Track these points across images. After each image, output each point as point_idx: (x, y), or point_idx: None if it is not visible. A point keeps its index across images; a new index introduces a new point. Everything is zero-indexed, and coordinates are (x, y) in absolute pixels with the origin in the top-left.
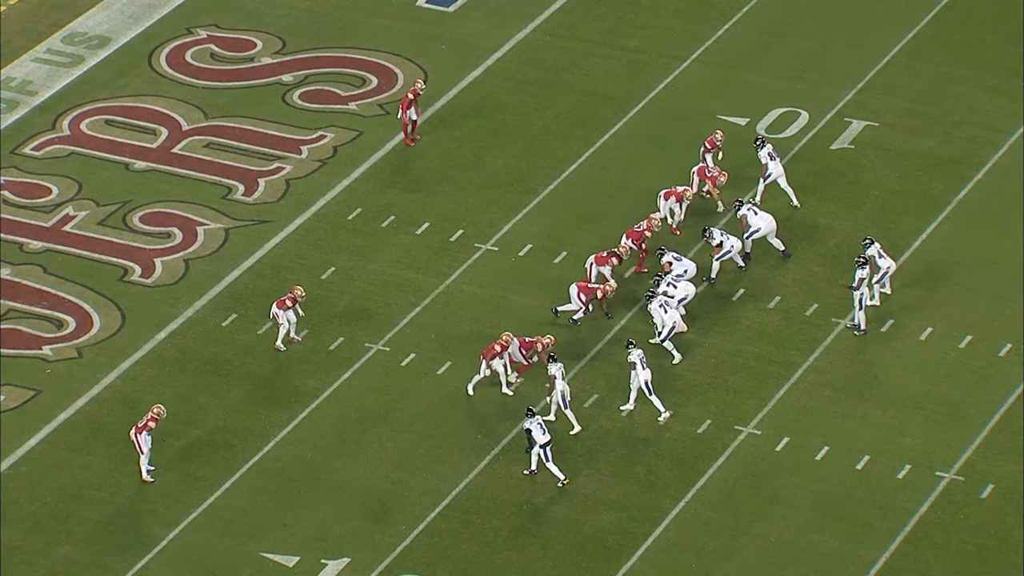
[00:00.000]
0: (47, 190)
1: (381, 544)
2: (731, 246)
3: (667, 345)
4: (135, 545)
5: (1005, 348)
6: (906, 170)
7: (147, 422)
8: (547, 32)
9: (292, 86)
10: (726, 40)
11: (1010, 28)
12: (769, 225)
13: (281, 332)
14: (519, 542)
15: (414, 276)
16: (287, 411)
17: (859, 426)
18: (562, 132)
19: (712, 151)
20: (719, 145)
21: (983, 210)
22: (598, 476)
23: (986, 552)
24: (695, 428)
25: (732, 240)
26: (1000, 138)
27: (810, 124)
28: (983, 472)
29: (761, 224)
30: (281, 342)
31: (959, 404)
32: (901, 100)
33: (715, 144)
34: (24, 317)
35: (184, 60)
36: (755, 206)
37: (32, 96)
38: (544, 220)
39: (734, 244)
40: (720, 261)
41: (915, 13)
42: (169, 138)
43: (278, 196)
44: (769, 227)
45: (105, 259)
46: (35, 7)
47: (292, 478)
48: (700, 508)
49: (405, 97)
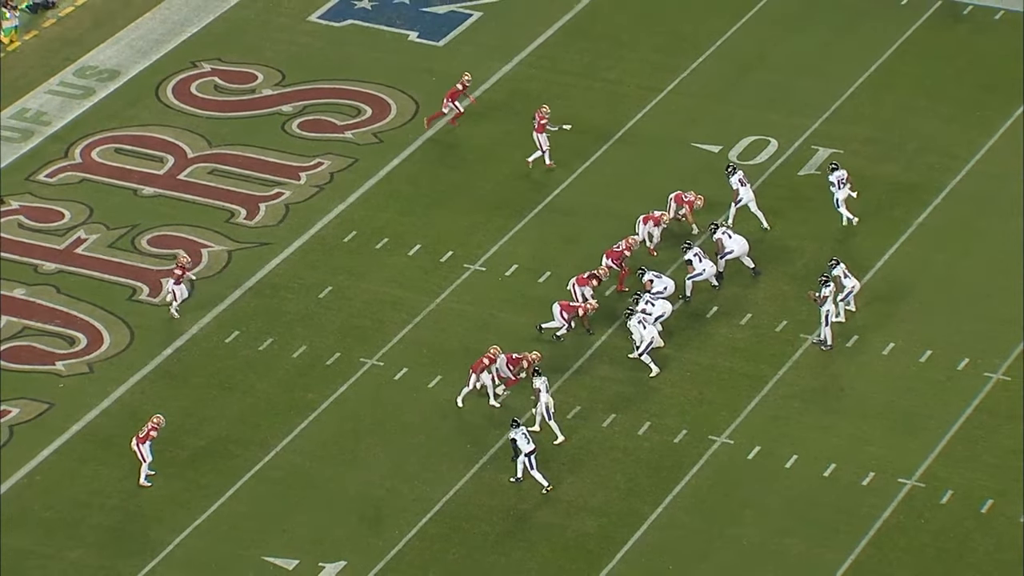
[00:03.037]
0: (60, 214)
1: (375, 548)
2: (703, 269)
3: (645, 359)
4: (142, 550)
5: (963, 362)
6: (869, 195)
7: (148, 432)
8: (531, 65)
9: (291, 116)
10: (700, 73)
11: (965, 62)
12: (742, 247)
13: (174, 301)
14: (506, 546)
15: (406, 295)
16: (287, 423)
17: (826, 436)
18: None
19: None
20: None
21: (942, 232)
22: (580, 484)
23: (946, 555)
24: (672, 438)
25: (706, 263)
26: (957, 165)
27: (779, 151)
28: (943, 479)
29: (735, 247)
30: (175, 311)
31: (920, 415)
32: (864, 129)
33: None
34: (38, 334)
35: (189, 92)
36: (729, 229)
37: (46, 126)
38: (529, 242)
39: (707, 267)
40: (692, 281)
41: (877, 48)
42: (175, 165)
43: (278, 220)
44: (742, 249)
45: (115, 279)
46: (49, 42)
47: (291, 486)
48: (677, 513)
49: (454, 89)
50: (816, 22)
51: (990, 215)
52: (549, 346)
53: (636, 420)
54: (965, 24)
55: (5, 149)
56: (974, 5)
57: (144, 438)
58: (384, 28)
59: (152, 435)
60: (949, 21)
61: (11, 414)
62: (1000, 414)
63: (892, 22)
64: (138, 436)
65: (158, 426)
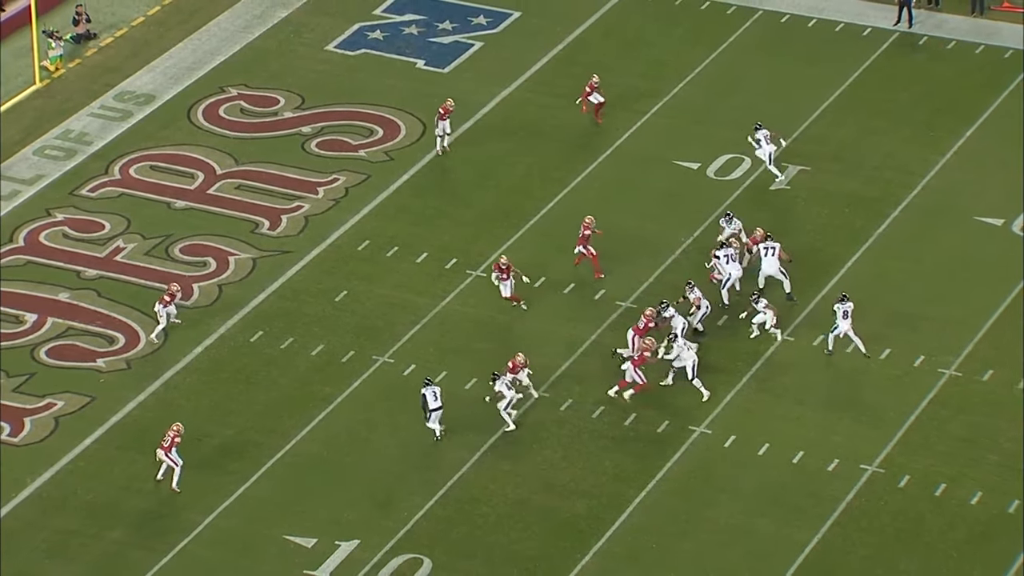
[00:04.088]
0: (101, 225)
1: (386, 528)
2: (730, 272)
3: (696, 383)
4: (175, 530)
5: (919, 359)
6: (834, 207)
7: (172, 440)
8: (528, 90)
9: (310, 136)
10: (680, 97)
11: (920, 88)
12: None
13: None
14: (505, 526)
15: (415, 298)
16: (306, 414)
17: (795, 426)
18: (541, 175)
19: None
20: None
21: (899, 242)
22: (572, 469)
23: (903, 534)
24: (655, 428)
25: (732, 267)
26: (914, 180)
27: (752, 168)
28: (900, 465)
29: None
30: (155, 336)
31: (880, 407)
32: (829, 148)
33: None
34: (81, 334)
35: (218, 114)
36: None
37: (88, 145)
38: (526, 250)
39: (732, 272)
40: (726, 289)
41: (841, 75)
42: (205, 181)
43: (298, 230)
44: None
45: (150, 284)
46: (91, 70)
47: (310, 472)
48: (660, 496)
49: (587, 88)
50: (785, 52)
51: (942, 226)
52: (541, 344)
53: (623, 412)
54: (920, 53)
55: (51, 166)
56: (928, 36)
57: (170, 446)
58: (394, 56)
59: (177, 441)
60: (906, 50)
61: (56, 406)
62: (952, 407)
63: (854, 52)
64: (163, 445)
65: (179, 432)
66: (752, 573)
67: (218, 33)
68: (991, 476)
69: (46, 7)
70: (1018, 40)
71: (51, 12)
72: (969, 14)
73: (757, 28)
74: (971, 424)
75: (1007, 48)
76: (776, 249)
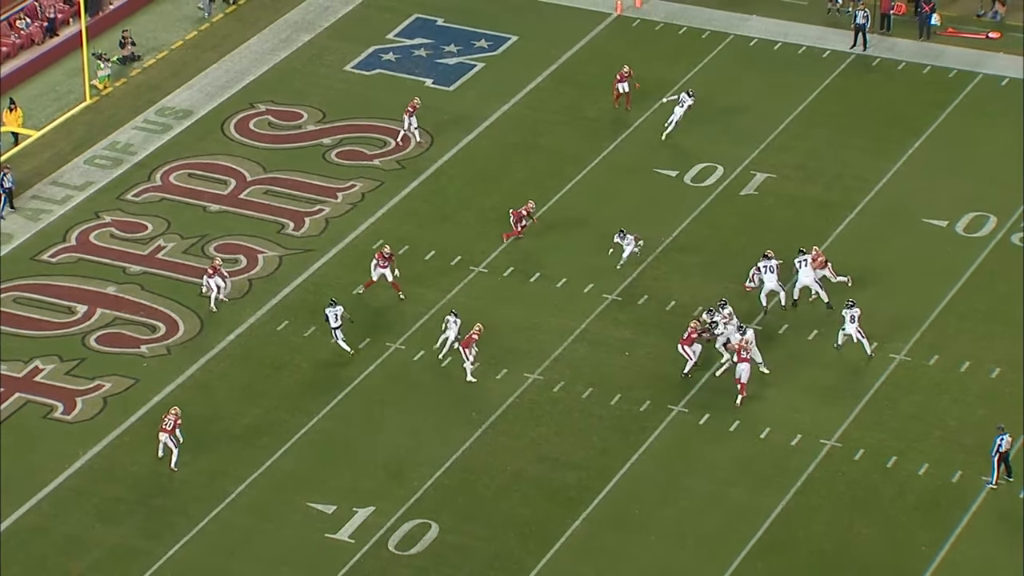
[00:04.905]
0: (144, 227)
1: (398, 496)
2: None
3: (764, 370)
4: (210, 497)
5: (872, 346)
6: (798, 210)
7: (175, 424)
8: (525, 106)
9: (330, 147)
10: (660, 112)
11: (874, 104)
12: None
13: (212, 296)
14: (504, 494)
15: (424, 291)
16: (326, 395)
17: (763, 405)
18: (536, 182)
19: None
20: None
21: (856, 241)
22: (563, 444)
23: (858, 501)
24: (638, 407)
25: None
26: (868, 186)
27: (724, 175)
28: (856, 440)
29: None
30: (213, 304)
31: (838, 389)
32: (794, 157)
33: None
34: (126, 324)
35: (248, 127)
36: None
37: (132, 155)
38: (522, 249)
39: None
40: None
41: (803, 92)
42: (236, 187)
43: (320, 231)
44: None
45: (188, 279)
46: (135, 88)
47: (330, 446)
48: (642, 468)
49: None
50: (754, 71)
51: (893, 227)
52: (536, 333)
53: (609, 392)
54: (874, 73)
55: (100, 174)
56: (881, 58)
57: (172, 429)
58: (406, 76)
59: (179, 423)
60: (861, 71)
61: (104, 388)
62: (903, 387)
63: (815, 71)
64: (164, 428)
65: (178, 415)
66: (725, 536)
67: (248, 55)
68: (936, 449)
69: (96, 32)
70: (961, 61)
71: (100, 36)
72: (917, 38)
73: (729, 51)
74: (919, 404)
75: (951, 68)
76: (807, 261)
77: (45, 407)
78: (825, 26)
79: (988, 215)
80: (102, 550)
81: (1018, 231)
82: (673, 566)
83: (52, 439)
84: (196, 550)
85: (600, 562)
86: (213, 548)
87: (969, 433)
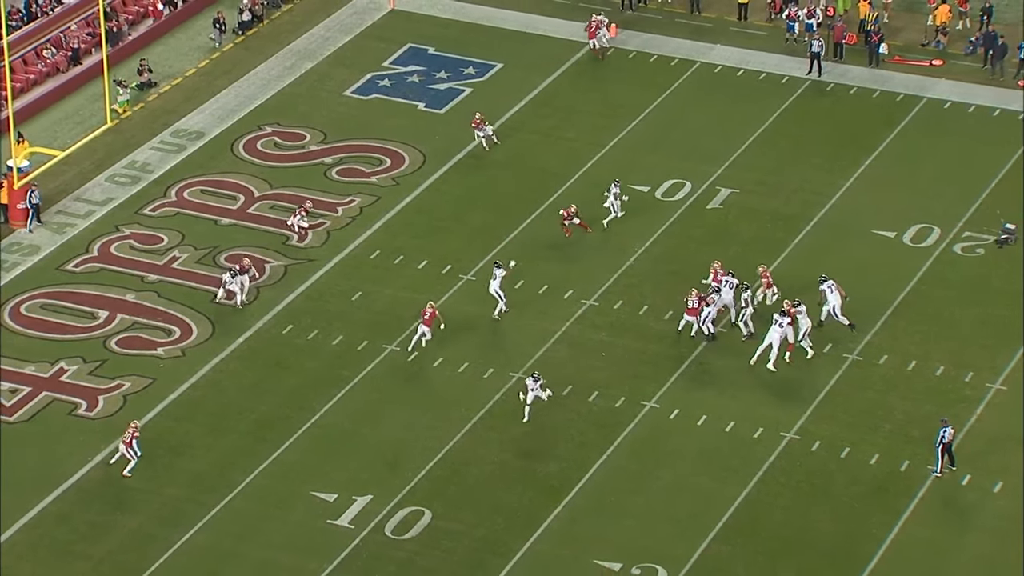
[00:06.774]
0: (160, 239)
1: (394, 486)
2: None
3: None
4: (221, 486)
5: (828, 347)
6: (759, 223)
7: (132, 437)
8: (510, 128)
9: (331, 165)
10: (633, 132)
11: (832, 125)
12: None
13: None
14: (491, 484)
15: (417, 297)
16: (328, 393)
17: (728, 401)
18: (521, 196)
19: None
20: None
21: (812, 250)
22: (545, 438)
23: (815, 488)
24: (613, 403)
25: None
26: (824, 200)
27: (692, 191)
28: (813, 433)
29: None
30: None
31: (797, 386)
32: (755, 174)
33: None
34: (144, 328)
35: (256, 147)
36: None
37: (149, 173)
38: (508, 258)
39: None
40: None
41: (764, 114)
42: (245, 202)
43: (322, 242)
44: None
45: (201, 287)
46: (152, 112)
47: (331, 440)
48: (617, 459)
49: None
50: (719, 95)
51: (847, 237)
52: (520, 335)
53: (587, 390)
54: (828, 98)
55: (119, 190)
56: (834, 83)
57: (131, 441)
58: (400, 100)
59: (136, 435)
60: (817, 95)
61: (124, 387)
62: (855, 385)
63: (775, 96)
64: (124, 440)
65: (137, 428)
66: (693, 521)
67: (256, 81)
68: (886, 441)
69: (116, 61)
70: (907, 86)
71: (120, 65)
72: (867, 65)
73: (695, 77)
74: (870, 400)
75: (898, 93)
76: (834, 286)
77: (70, 405)
78: (783, 54)
79: (933, 227)
80: (122, 535)
81: (960, 241)
82: (646, 548)
83: (76, 434)
84: (208, 535)
85: (580, 545)
86: (224, 533)
87: (916, 426)
